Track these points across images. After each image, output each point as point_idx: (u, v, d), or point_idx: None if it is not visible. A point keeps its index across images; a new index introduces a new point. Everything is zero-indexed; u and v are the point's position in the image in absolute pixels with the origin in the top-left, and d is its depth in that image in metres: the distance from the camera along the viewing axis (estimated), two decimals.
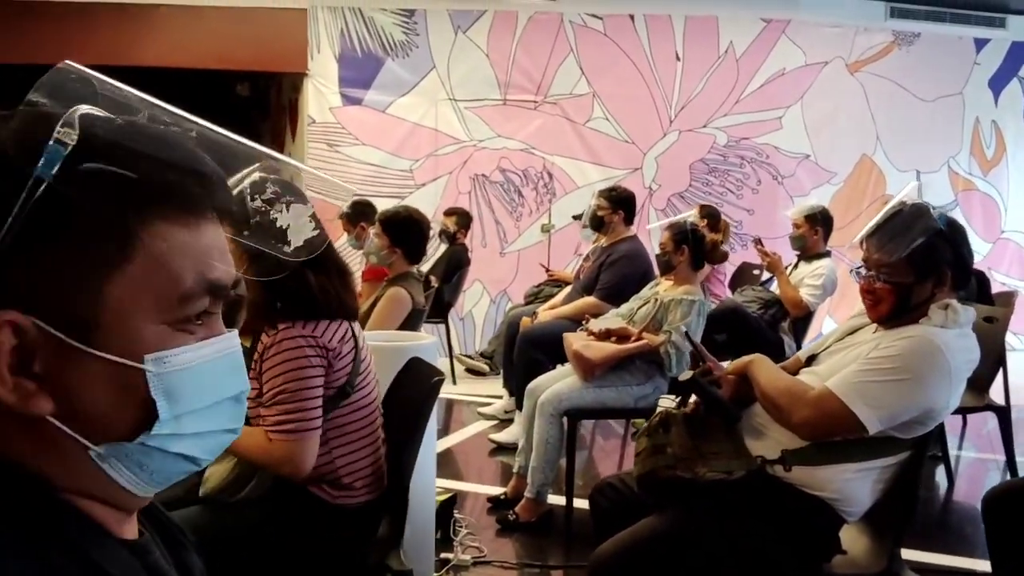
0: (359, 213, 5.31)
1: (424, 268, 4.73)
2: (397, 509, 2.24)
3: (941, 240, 2.12)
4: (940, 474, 4.32)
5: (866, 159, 7.42)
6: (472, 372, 6.43)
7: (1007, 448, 4.05)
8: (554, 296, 5.20)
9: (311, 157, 6.92)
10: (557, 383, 3.63)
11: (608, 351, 3.56)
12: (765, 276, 5.29)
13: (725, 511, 2.12)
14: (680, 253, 3.65)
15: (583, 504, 2.86)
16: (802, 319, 4.84)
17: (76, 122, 0.62)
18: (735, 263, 6.10)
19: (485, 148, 7.07)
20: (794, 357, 2.52)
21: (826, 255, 4.93)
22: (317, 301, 2.13)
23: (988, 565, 2.48)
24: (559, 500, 3.58)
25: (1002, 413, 3.98)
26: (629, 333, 3.61)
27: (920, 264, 2.11)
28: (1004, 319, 3.98)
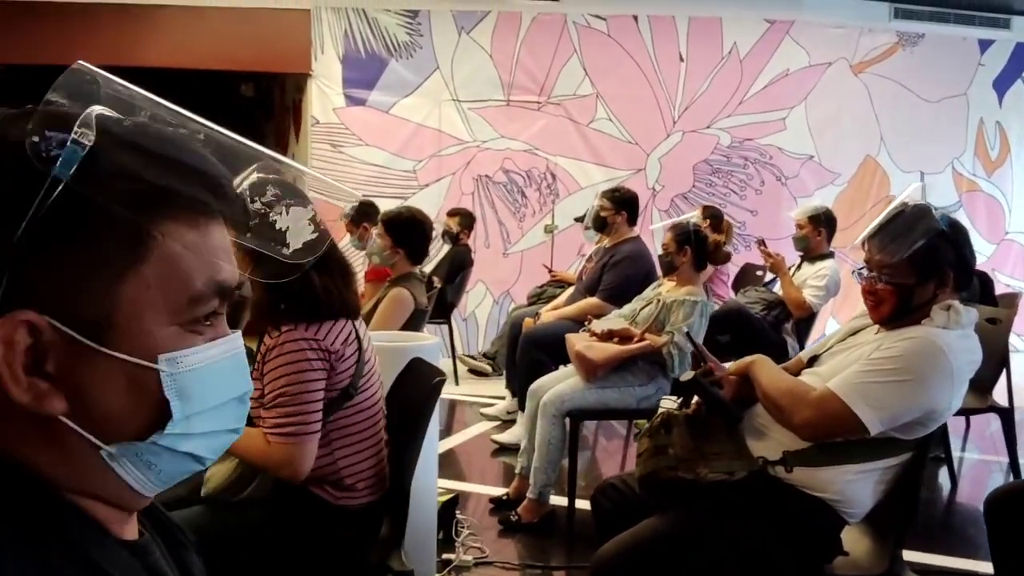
0: (362, 214, 5.32)
1: (427, 269, 4.73)
2: (398, 509, 2.24)
3: (943, 241, 2.12)
4: (943, 476, 4.31)
5: (870, 160, 7.41)
6: (475, 373, 6.43)
7: (1010, 450, 4.04)
8: (557, 297, 5.20)
9: (315, 158, 6.93)
10: (559, 384, 3.63)
11: (610, 352, 3.56)
12: (768, 277, 5.29)
13: (726, 512, 2.12)
14: (683, 254, 3.65)
15: (585, 505, 2.85)
16: (805, 320, 4.83)
17: (93, 122, 0.62)
18: (738, 264, 6.09)
19: (488, 149, 7.07)
20: (796, 358, 2.52)
21: (829, 256, 4.92)
22: (320, 302, 2.12)
23: (990, 567, 2.47)
24: (561, 501, 3.58)
25: (1005, 415, 3.98)
26: (631, 334, 3.61)
27: (922, 265, 2.11)
28: (1008, 320, 3.98)
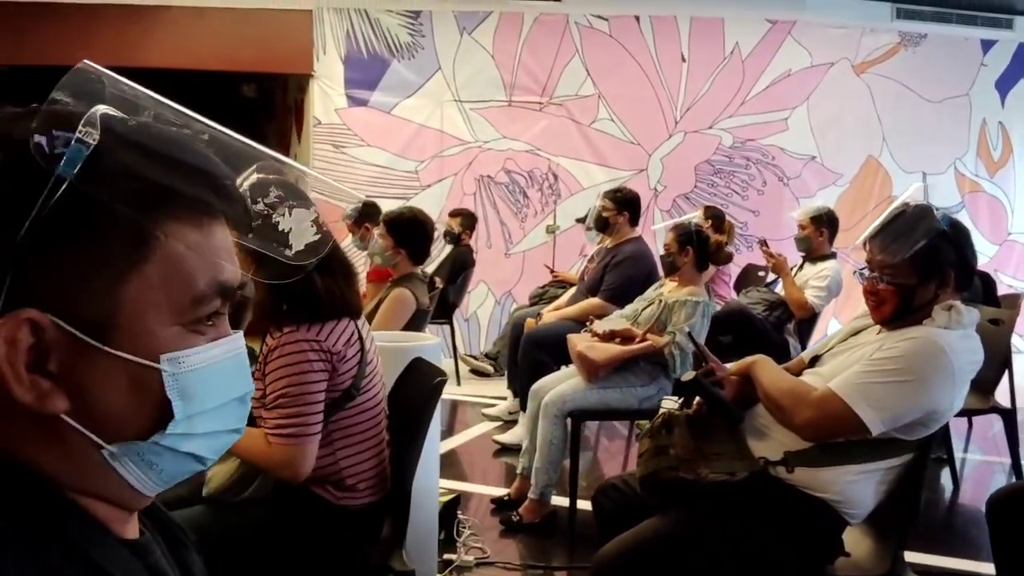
0: (364, 215, 5.32)
1: (429, 269, 4.74)
2: (399, 510, 2.24)
3: (944, 241, 2.12)
4: (945, 477, 4.30)
5: (872, 160, 7.40)
6: (476, 373, 6.43)
7: (1012, 451, 4.03)
8: (559, 297, 5.20)
9: (317, 158, 6.94)
10: (561, 384, 3.63)
11: (612, 352, 3.56)
12: (770, 278, 5.29)
13: (728, 512, 2.12)
14: (684, 254, 3.65)
15: (587, 505, 2.85)
16: (807, 321, 4.83)
17: (97, 122, 0.62)
18: (740, 264, 6.09)
19: (490, 149, 7.07)
20: (797, 358, 2.51)
21: (831, 256, 4.92)
22: (322, 302, 2.12)
23: (992, 568, 2.47)
24: (563, 501, 3.58)
25: (1008, 416, 3.97)
26: (633, 334, 3.61)
27: (923, 265, 2.11)
28: (1010, 321, 3.97)
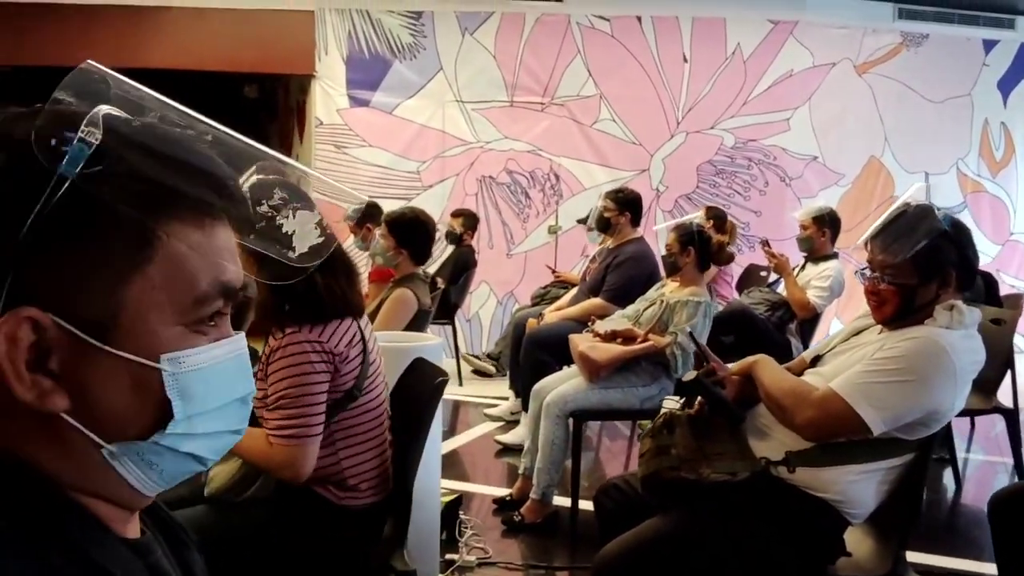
0: (365, 215, 5.32)
1: (431, 269, 4.74)
2: (401, 510, 2.24)
3: (945, 241, 2.12)
4: (948, 477, 4.30)
5: (874, 161, 7.39)
6: (479, 373, 6.43)
7: (1015, 451, 4.02)
8: (560, 297, 5.20)
9: (318, 159, 6.94)
10: (563, 384, 3.63)
11: (614, 352, 3.56)
12: (772, 278, 5.28)
13: (729, 512, 2.12)
14: (686, 254, 3.64)
15: (588, 506, 2.85)
16: (809, 321, 4.82)
17: (100, 121, 0.62)
18: (742, 265, 6.08)
19: (492, 150, 7.07)
20: (799, 358, 2.52)
21: (833, 257, 4.92)
22: (324, 303, 2.13)
23: (995, 568, 2.47)
24: (564, 501, 3.58)
25: (1010, 416, 3.97)
26: (635, 334, 3.61)
27: (924, 265, 2.11)
28: (1012, 321, 3.97)
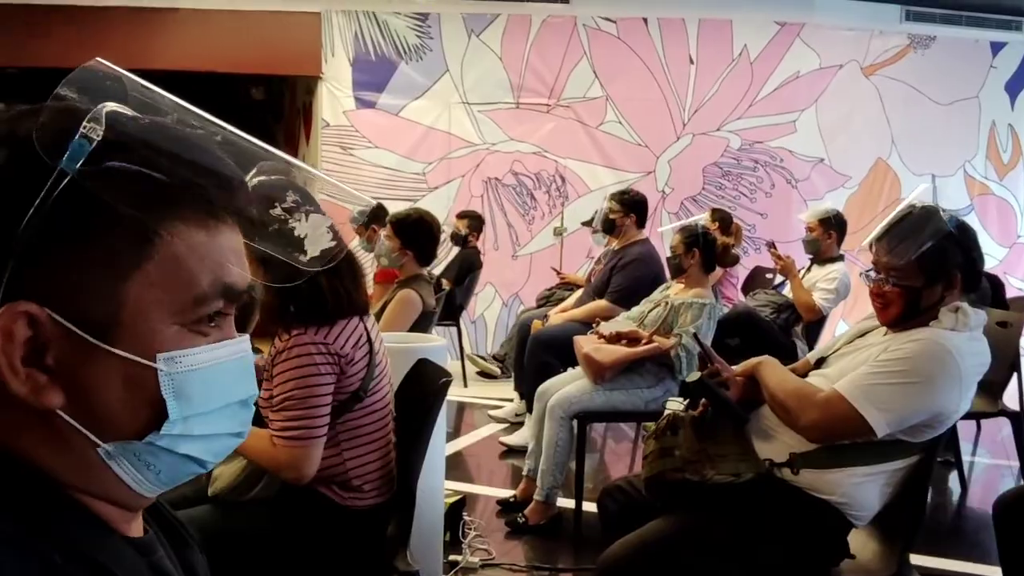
0: (371, 216, 5.33)
1: (436, 271, 4.74)
2: (404, 510, 2.24)
3: (951, 243, 2.11)
4: (953, 480, 4.29)
5: (881, 163, 7.37)
6: (483, 375, 6.43)
7: (1020, 454, 4.01)
8: (566, 299, 5.20)
9: (325, 160, 6.95)
10: (567, 386, 3.63)
11: (618, 354, 3.56)
12: (778, 280, 5.27)
13: (733, 514, 2.11)
14: (691, 256, 3.64)
15: (592, 507, 2.85)
16: (815, 323, 4.81)
17: (103, 118, 0.62)
18: (748, 267, 6.08)
19: (498, 151, 7.07)
20: (803, 359, 2.51)
21: (839, 259, 4.90)
22: (329, 304, 2.13)
23: (1000, 571, 2.46)
24: (568, 503, 3.58)
25: (1016, 419, 3.96)
26: (640, 336, 3.61)
27: (930, 267, 2.10)
28: (1019, 324, 3.94)
